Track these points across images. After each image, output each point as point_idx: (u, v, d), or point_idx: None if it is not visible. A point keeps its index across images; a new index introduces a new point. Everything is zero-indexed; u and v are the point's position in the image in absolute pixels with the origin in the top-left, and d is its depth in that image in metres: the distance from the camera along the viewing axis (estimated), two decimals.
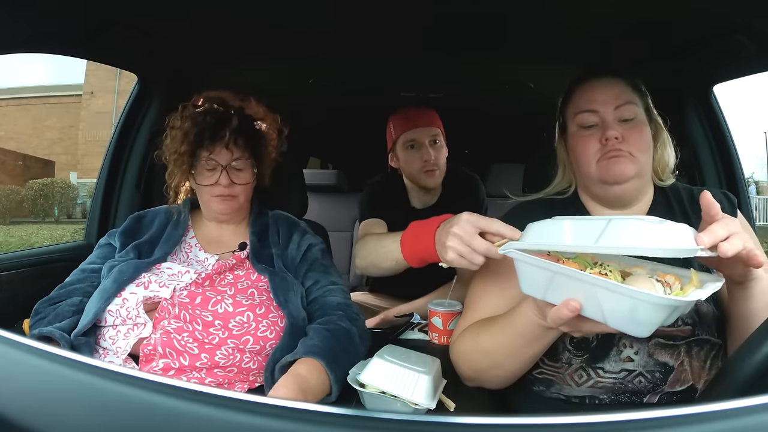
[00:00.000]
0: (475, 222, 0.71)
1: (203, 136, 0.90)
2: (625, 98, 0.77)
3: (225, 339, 0.79)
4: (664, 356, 0.71)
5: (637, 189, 0.78)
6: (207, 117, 0.92)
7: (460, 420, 0.32)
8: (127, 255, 0.89)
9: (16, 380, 0.39)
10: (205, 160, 0.91)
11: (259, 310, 0.83)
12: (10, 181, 10.45)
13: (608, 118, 0.77)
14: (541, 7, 0.97)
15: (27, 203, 10.04)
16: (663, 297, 0.48)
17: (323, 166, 3.01)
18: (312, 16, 1.03)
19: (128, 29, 1.03)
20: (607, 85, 0.79)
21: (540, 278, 0.57)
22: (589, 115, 0.78)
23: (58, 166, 12.29)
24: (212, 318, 0.80)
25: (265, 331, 0.82)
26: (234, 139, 0.92)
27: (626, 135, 0.75)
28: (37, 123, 12.92)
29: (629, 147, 0.75)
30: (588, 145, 0.77)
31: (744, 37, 0.97)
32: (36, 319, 0.84)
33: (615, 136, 0.75)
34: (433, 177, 1.31)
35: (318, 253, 0.97)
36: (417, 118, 1.32)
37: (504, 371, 0.73)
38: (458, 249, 0.72)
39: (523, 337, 0.66)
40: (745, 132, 14.91)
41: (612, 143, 0.75)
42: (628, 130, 0.76)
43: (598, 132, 0.77)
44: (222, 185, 0.90)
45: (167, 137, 0.93)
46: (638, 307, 0.48)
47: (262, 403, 0.33)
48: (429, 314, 1.06)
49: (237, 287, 0.87)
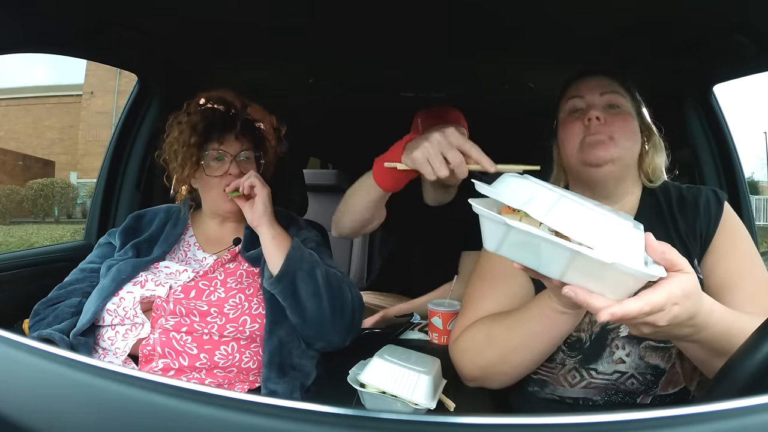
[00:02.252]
0: (459, 137, 0.70)
1: (213, 128, 0.92)
2: (611, 88, 0.79)
3: (224, 325, 0.80)
4: (655, 359, 0.71)
5: (615, 176, 0.77)
6: (215, 111, 0.94)
7: (460, 420, 0.32)
8: (125, 254, 0.89)
9: (15, 380, 0.39)
10: (214, 151, 0.92)
11: (248, 291, 0.85)
12: (10, 181, 10.44)
13: (594, 102, 0.79)
14: (542, 6, 0.97)
15: (27, 203, 10.03)
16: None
17: (323, 166, 3.01)
18: (312, 16, 1.03)
19: (128, 29, 1.03)
20: (598, 78, 0.81)
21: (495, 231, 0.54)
22: (577, 100, 0.80)
23: (58, 166, 12.28)
24: (207, 307, 0.80)
25: (258, 308, 0.83)
26: (244, 130, 0.94)
27: (609, 119, 0.76)
28: (37, 123, 12.90)
29: (611, 131, 0.76)
30: (573, 128, 0.79)
31: (744, 37, 0.97)
32: (35, 320, 0.84)
33: (596, 116, 0.76)
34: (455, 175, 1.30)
35: (311, 245, 0.97)
36: (444, 116, 1.32)
37: (510, 367, 0.72)
38: (429, 151, 0.69)
39: (536, 323, 0.66)
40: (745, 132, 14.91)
41: (594, 125, 0.76)
42: (613, 115, 0.77)
43: (583, 116, 0.78)
44: (232, 174, 0.91)
45: (173, 131, 0.94)
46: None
47: (262, 403, 0.33)
48: (429, 314, 1.06)
49: (226, 272, 0.88)
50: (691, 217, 0.76)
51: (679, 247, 0.74)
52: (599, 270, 0.47)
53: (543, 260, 0.50)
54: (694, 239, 0.75)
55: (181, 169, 0.93)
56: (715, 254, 0.74)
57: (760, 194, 11.55)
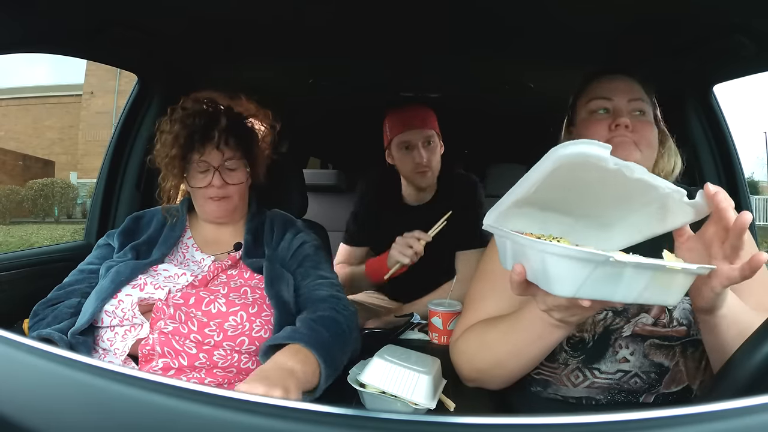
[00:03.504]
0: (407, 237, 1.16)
1: (193, 138, 0.90)
2: (639, 95, 0.80)
3: (220, 342, 0.79)
4: (659, 357, 0.71)
5: None
6: (195, 119, 0.91)
7: (460, 420, 0.32)
8: (125, 255, 0.89)
9: (15, 380, 0.39)
10: (196, 163, 0.91)
11: (251, 309, 0.82)
12: (10, 181, 10.44)
13: (621, 106, 0.79)
14: (542, 6, 0.97)
15: (27, 203, 10.03)
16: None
17: (323, 166, 3.01)
18: (312, 15, 1.03)
19: (128, 29, 1.03)
20: (624, 80, 0.81)
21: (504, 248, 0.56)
22: (603, 101, 0.80)
23: (58, 166, 12.28)
24: (207, 319, 0.80)
25: (259, 331, 0.82)
26: (224, 139, 0.91)
27: (636, 127, 0.77)
28: (37, 123, 12.90)
29: (637, 138, 0.76)
30: (597, 128, 0.78)
31: (744, 37, 0.97)
32: (35, 320, 0.84)
33: (626, 124, 0.76)
34: (425, 178, 1.32)
35: (309, 249, 0.96)
36: (411, 120, 1.32)
37: (506, 371, 0.73)
38: (398, 250, 1.15)
39: (528, 332, 0.66)
40: (745, 132, 14.90)
41: (621, 130, 0.76)
42: (639, 122, 0.77)
43: (609, 118, 0.78)
44: (215, 186, 0.90)
45: (158, 142, 0.93)
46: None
47: (262, 403, 0.33)
48: (429, 314, 1.06)
49: (230, 286, 0.87)
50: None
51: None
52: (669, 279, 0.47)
53: (621, 288, 0.46)
54: None
55: (167, 180, 0.93)
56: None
57: (760, 194, 11.55)
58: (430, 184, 1.35)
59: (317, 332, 0.75)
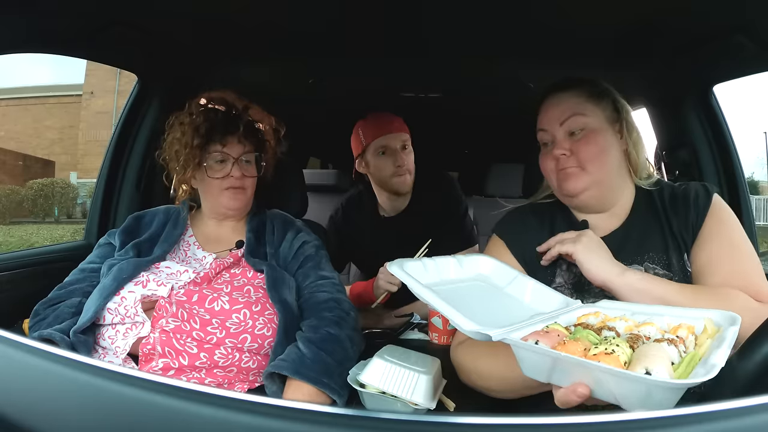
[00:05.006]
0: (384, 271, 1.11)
1: (215, 130, 0.93)
2: (569, 112, 0.79)
3: (223, 339, 0.79)
4: None
5: (597, 197, 0.80)
6: (218, 113, 0.95)
7: (460, 420, 0.32)
8: (126, 254, 0.89)
9: (15, 380, 0.39)
10: (216, 153, 0.93)
11: (255, 307, 0.83)
12: (10, 181, 10.43)
13: (557, 135, 0.80)
14: (542, 6, 0.97)
15: (27, 203, 10.03)
16: (676, 382, 0.43)
17: (323, 166, 3.01)
18: (312, 15, 1.03)
19: (128, 29, 1.03)
20: (556, 101, 0.82)
21: (541, 363, 0.51)
22: (542, 134, 0.83)
23: (58, 166, 12.27)
24: (210, 317, 0.80)
25: (262, 329, 0.82)
26: (246, 132, 0.95)
27: (574, 148, 0.78)
28: (37, 123, 12.89)
29: (578, 160, 0.78)
30: (547, 163, 0.82)
31: (744, 37, 0.97)
32: (36, 320, 0.84)
33: (562, 153, 0.78)
34: (405, 181, 1.33)
35: (311, 250, 0.97)
36: (387, 125, 1.34)
37: (499, 394, 0.73)
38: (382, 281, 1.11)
39: (520, 383, 0.63)
40: (745, 132, 14.89)
41: (562, 161, 0.78)
42: (576, 143, 0.78)
43: (551, 150, 0.80)
44: (234, 177, 0.93)
45: (175, 132, 0.94)
46: (652, 392, 0.43)
47: (262, 403, 0.33)
48: (429, 314, 1.06)
49: (233, 285, 0.87)
50: (683, 212, 0.77)
51: (673, 244, 0.76)
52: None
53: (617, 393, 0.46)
54: (687, 233, 0.76)
55: (183, 170, 0.93)
56: (699, 240, 0.75)
57: (760, 194, 11.54)
58: (408, 189, 1.37)
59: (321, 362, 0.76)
